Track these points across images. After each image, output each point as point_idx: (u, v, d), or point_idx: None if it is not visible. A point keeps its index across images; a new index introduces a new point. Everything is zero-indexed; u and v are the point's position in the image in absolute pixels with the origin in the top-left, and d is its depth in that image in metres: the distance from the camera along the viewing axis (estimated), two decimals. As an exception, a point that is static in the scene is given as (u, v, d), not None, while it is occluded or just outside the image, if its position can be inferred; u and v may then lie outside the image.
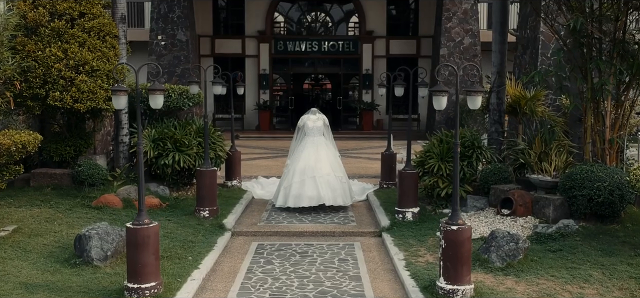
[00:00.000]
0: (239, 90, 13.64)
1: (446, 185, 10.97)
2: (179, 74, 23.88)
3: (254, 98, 27.85)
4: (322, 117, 12.34)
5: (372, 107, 27.27)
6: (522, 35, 16.06)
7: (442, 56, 24.00)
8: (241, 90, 13.69)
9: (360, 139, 24.88)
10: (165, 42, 24.00)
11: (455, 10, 23.99)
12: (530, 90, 12.89)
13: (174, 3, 23.89)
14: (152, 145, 11.71)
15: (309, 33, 28.40)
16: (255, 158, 18.76)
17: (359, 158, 18.94)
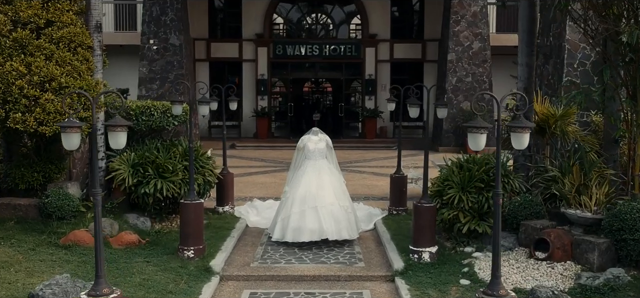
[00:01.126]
0: (232, 105, 12.02)
1: (468, 219, 9.40)
2: (172, 80, 22.31)
3: (251, 104, 26.28)
4: (324, 138, 10.76)
5: (376, 114, 25.70)
6: (544, 43, 14.46)
7: (449, 61, 22.44)
8: (234, 105, 12.06)
9: (363, 148, 23.32)
10: (157, 47, 22.43)
11: (463, 13, 22.43)
12: (558, 106, 11.31)
13: (166, 5, 22.32)
14: (131, 171, 10.13)
15: (309, 36, 26.83)
16: (252, 173, 17.18)
17: (363, 173, 17.36)
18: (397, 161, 12.70)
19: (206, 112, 12.07)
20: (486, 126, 6.29)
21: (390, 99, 12.33)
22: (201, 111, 11.08)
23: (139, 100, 10.54)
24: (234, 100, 11.86)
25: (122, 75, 24.86)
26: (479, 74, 22.47)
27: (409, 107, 11.93)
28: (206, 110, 11.42)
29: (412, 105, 11.86)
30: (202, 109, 11.57)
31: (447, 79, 22.42)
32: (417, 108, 11.93)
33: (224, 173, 11.99)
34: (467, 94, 22.39)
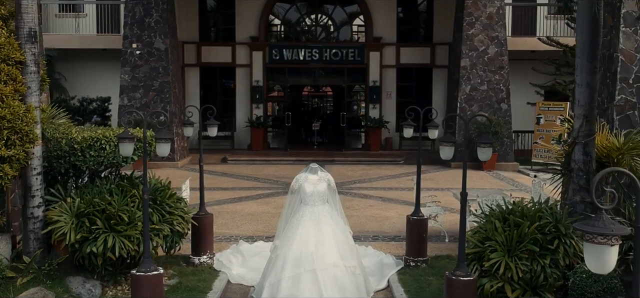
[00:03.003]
0: (211, 131, 9.51)
1: (518, 293, 6.92)
2: (157, 88, 19.82)
3: (245, 113, 23.77)
4: (325, 177, 8.27)
5: (381, 124, 23.17)
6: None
7: (463, 68, 19.91)
8: (214, 131, 9.55)
9: (367, 163, 20.81)
10: (141, 51, 19.91)
11: (478, 15, 19.90)
12: (618, 136, 8.82)
13: (151, 6, 19.81)
14: (75, 224, 7.63)
15: (308, 39, 24.31)
16: (241, 198, 14.66)
17: (368, 198, 14.83)
18: (415, 197, 10.15)
19: (190, 134, 9.84)
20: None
21: (408, 123, 9.75)
22: (160, 152, 8.60)
23: (86, 130, 7.99)
24: (214, 125, 9.34)
25: (103, 82, 22.42)
26: (495, 81, 19.96)
27: (429, 132, 9.56)
28: (214, 131, 9.24)
29: (433, 127, 9.49)
30: (187, 131, 9.27)
31: (460, 87, 19.91)
32: (436, 130, 9.62)
33: (201, 215, 9.47)
34: (482, 103, 19.89)
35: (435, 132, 9.45)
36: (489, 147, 6.83)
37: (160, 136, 6.54)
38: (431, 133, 9.41)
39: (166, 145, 6.50)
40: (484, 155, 6.92)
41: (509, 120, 19.98)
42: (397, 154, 22.11)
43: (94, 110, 21.32)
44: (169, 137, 6.59)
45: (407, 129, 9.56)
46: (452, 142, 9.49)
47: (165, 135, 6.55)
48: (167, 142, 6.48)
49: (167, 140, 6.51)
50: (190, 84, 23.75)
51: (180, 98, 20.92)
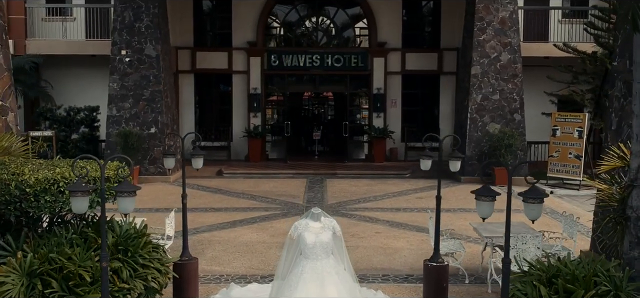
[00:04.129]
0: (196, 164, 8.07)
1: None
2: (148, 98, 18.39)
3: (242, 122, 22.33)
4: (330, 225, 6.82)
5: (385, 134, 21.72)
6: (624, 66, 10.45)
7: (474, 75, 18.46)
8: (199, 162, 8.11)
9: (371, 176, 19.37)
10: (130, 58, 18.47)
11: (490, 19, 18.44)
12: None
13: (141, 10, 18.36)
14: (25, 286, 6.19)
15: (308, 44, 22.86)
16: (235, 223, 13.19)
17: (374, 222, 13.38)
18: (433, 238, 8.70)
19: (200, 165, 8.42)
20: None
21: (426, 154, 8.28)
22: (195, 165, 7.48)
23: (42, 169, 6.53)
24: (199, 156, 7.90)
25: (92, 90, 20.99)
26: (508, 90, 18.52)
27: (450, 164, 8.14)
28: (200, 163, 7.85)
29: (455, 159, 8.07)
30: (196, 163, 7.91)
31: (470, 96, 18.46)
32: (458, 162, 8.20)
33: (185, 260, 8.03)
34: (494, 114, 18.44)
35: (458, 165, 8.00)
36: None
37: (123, 188, 5.07)
38: (453, 165, 7.96)
39: (130, 200, 5.04)
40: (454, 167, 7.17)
41: (523, 132, 18.54)
42: (402, 166, 20.67)
43: (81, 120, 19.87)
44: (134, 189, 5.12)
45: (424, 162, 8.09)
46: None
47: (128, 188, 5.08)
48: (130, 195, 5.03)
49: (132, 193, 5.05)
50: (185, 92, 22.31)
51: (172, 107, 19.47)
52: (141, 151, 18.06)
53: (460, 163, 17.82)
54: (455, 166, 7.87)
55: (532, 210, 4.85)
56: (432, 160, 8.15)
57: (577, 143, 17.59)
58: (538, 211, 4.87)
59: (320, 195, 16.38)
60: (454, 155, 7.88)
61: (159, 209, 14.30)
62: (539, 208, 4.84)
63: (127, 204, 4.98)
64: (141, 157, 18.14)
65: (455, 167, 7.92)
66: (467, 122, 18.42)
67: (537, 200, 4.78)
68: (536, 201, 4.78)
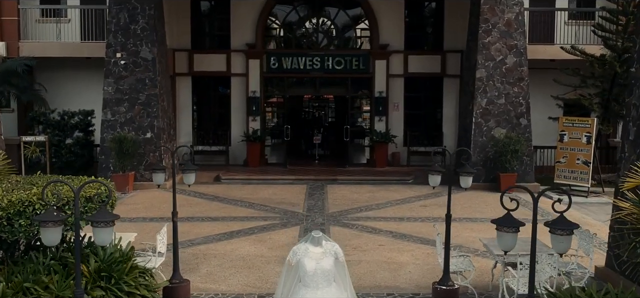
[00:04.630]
0: (188, 179, 7.50)
1: None
2: (143, 102, 17.82)
3: (241, 126, 21.75)
4: (332, 250, 6.20)
5: (387, 138, 21.13)
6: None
7: (478, 79, 17.88)
8: (191, 178, 7.54)
9: (373, 182, 18.79)
10: (125, 61, 17.89)
11: (495, 21, 17.86)
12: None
13: (136, 12, 17.79)
14: (-3, 317, 5.62)
15: (309, 46, 22.28)
16: (232, 233, 12.60)
17: (377, 233, 12.78)
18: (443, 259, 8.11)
19: (192, 181, 7.85)
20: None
21: (435, 169, 7.70)
22: (187, 180, 6.96)
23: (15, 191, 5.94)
24: (191, 171, 7.32)
25: (88, 94, 20.43)
26: (514, 94, 17.93)
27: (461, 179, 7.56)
28: (192, 179, 7.30)
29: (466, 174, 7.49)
30: (188, 178, 7.34)
31: (475, 100, 17.87)
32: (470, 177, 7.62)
33: (175, 284, 7.45)
34: (499, 118, 17.86)
35: (469, 181, 7.43)
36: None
37: (100, 218, 4.47)
38: (464, 181, 7.38)
39: (107, 230, 4.45)
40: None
41: (529, 137, 17.95)
42: (405, 172, 20.10)
43: (75, 124, 19.29)
44: (112, 218, 4.53)
45: (433, 177, 7.50)
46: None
47: (105, 217, 4.49)
48: (108, 225, 4.44)
49: (109, 223, 4.46)
50: (182, 95, 21.73)
51: (169, 111, 18.89)
52: (136, 156, 17.49)
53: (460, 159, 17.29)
54: (466, 182, 7.29)
55: (561, 243, 4.26)
56: (441, 175, 7.55)
57: (586, 149, 17.01)
58: (567, 243, 4.29)
59: (320, 203, 15.79)
60: (465, 170, 7.29)
61: (153, 218, 13.74)
62: (568, 241, 4.26)
63: (104, 235, 4.39)
64: (136, 163, 17.57)
65: (467, 183, 7.34)
66: (472, 126, 17.83)
67: (566, 231, 4.19)
68: (565, 233, 4.19)
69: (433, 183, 7.31)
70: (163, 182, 7.58)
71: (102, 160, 17.74)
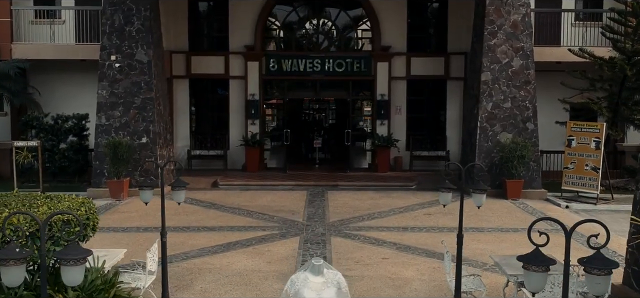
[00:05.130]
0: (177, 197, 6.91)
1: None
2: (139, 106, 17.23)
3: (240, 130, 21.17)
4: (334, 279, 5.56)
5: (390, 142, 20.55)
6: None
7: (484, 82, 17.29)
8: (180, 196, 6.96)
9: (375, 188, 18.21)
10: (120, 64, 17.31)
11: (501, 23, 17.27)
12: None
13: (132, 13, 17.21)
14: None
15: (309, 48, 21.70)
16: (229, 246, 12.00)
17: (381, 244, 12.17)
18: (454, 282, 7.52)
19: (181, 199, 7.27)
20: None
21: (446, 186, 7.11)
22: (176, 198, 6.37)
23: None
24: (181, 189, 6.74)
25: (82, 97, 19.86)
26: (521, 98, 17.34)
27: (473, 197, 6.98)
28: (181, 197, 6.72)
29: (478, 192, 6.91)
30: (177, 196, 6.76)
31: (480, 104, 17.28)
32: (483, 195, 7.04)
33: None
34: (505, 122, 17.27)
35: (482, 199, 6.84)
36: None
37: (69, 254, 3.87)
38: (477, 199, 6.80)
39: (77, 269, 3.85)
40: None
41: (536, 142, 17.36)
42: (408, 177, 19.52)
43: (69, 129, 18.71)
44: (84, 254, 3.93)
45: (444, 195, 6.91)
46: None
47: (75, 253, 3.88)
48: (78, 263, 3.84)
49: (79, 261, 3.86)
50: (179, 98, 21.15)
51: (165, 115, 18.31)
52: (132, 162, 16.91)
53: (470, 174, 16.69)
54: (479, 200, 6.71)
55: (598, 285, 3.67)
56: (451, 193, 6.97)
57: (594, 154, 16.43)
58: (605, 285, 3.70)
59: (321, 211, 15.21)
60: (478, 188, 6.70)
61: (148, 228, 13.16)
62: (606, 282, 3.67)
63: (74, 275, 3.80)
64: (132, 169, 16.99)
65: (479, 201, 6.76)
66: (477, 131, 17.25)
67: (605, 271, 3.60)
68: (603, 273, 3.60)
69: (444, 202, 6.73)
70: (151, 199, 6.98)
71: (96, 165, 17.17)
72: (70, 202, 5.90)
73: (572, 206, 16.18)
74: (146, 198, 6.79)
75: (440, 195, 6.83)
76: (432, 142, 21.32)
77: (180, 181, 6.77)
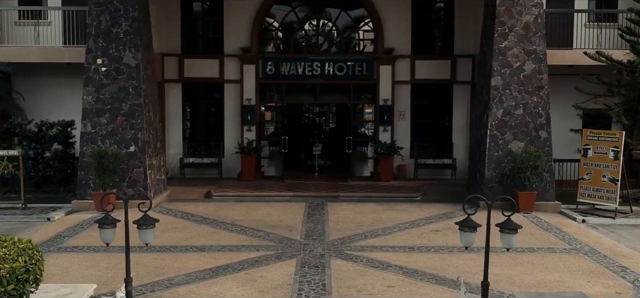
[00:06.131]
0: (145, 237, 5.72)
1: None
2: (127, 112, 16.06)
3: (235, 136, 20.01)
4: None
5: (393, 150, 19.36)
6: None
7: (494, 87, 16.10)
8: (148, 236, 5.76)
9: (377, 199, 17.05)
10: (107, 68, 16.12)
11: (512, 24, 16.07)
12: None
13: (119, 14, 16.04)
14: None
15: (308, 51, 20.51)
16: (219, 270, 10.80)
17: (385, 268, 10.95)
18: None
19: (149, 239, 6.11)
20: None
21: (469, 224, 5.90)
22: (142, 238, 5.17)
23: None
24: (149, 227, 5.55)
25: (68, 102, 18.72)
26: (533, 104, 16.14)
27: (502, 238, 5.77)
28: (150, 237, 5.57)
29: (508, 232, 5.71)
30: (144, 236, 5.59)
31: (490, 110, 16.08)
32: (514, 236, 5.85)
33: None
34: (516, 130, 16.08)
35: (513, 240, 5.65)
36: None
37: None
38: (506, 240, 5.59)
39: None
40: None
41: (550, 151, 16.17)
42: (412, 187, 18.35)
43: (54, 136, 17.53)
44: None
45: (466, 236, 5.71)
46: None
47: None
48: None
49: None
50: (171, 103, 19.98)
51: (155, 122, 17.12)
52: (119, 172, 15.73)
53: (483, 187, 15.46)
54: (510, 242, 5.52)
55: None
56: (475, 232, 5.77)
57: (613, 165, 15.24)
58: None
59: (320, 227, 14.02)
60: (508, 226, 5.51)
61: (133, 248, 11.83)
62: None
63: None
64: (119, 179, 15.81)
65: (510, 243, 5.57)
66: (487, 139, 16.06)
67: None
68: None
69: (466, 243, 5.52)
70: (113, 239, 5.81)
71: (81, 176, 15.99)
72: (9, 249, 4.70)
73: (588, 220, 15.00)
74: (107, 238, 5.60)
75: (461, 235, 5.64)
76: (437, 150, 20.15)
77: (148, 218, 5.58)
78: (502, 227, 5.45)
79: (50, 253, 11.74)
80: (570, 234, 13.62)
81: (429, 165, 19.81)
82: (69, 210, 15.59)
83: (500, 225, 5.49)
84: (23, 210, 15.38)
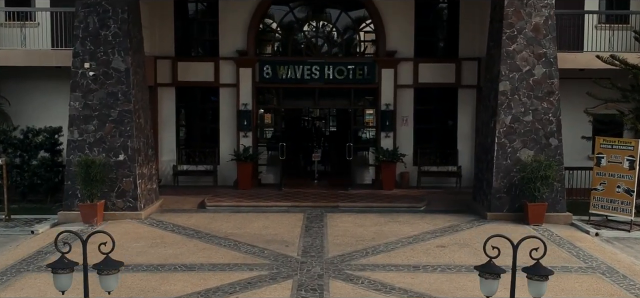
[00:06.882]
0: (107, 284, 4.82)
1: None
2: (116, 119, 15.18)
3: (231, 142, 19.13)
4: None
5: (396, 157, 18.47)
6: None
7: (502, 93, 15.20)
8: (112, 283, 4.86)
9: (379, 210, 16.17)
10: (95, 73, 15.24)
11: (521, 26, 15.18)
12: None
13: (108, 15, 15.17)
14: None
15: (307, 53, 19.61)
16: (208, 292, 9.92)
17: (388, 291, 10.04)
18: None
19: (112, 287, 5.18)
20: None
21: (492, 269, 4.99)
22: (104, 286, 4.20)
23: None
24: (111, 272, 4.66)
25: (56, 107, 17.84)
26: (543, 110, 15.24)
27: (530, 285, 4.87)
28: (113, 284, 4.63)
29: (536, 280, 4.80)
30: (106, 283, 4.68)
31: (498, 117, 15.19)
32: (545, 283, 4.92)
33: None
34: (526, 138, 15.18)
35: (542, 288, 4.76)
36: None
37: None
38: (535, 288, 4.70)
39: None
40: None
41: (561, 160, 15.28)
42: (415, 196, 17.47)
43: (41, 143, 16.66)
44: None
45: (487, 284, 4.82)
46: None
47: None
48: None
49: None
50: (165, 108, 19.10)
51: (146, 129, 16.24)
52: (107, 182, 14.84)
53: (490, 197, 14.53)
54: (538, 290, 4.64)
55: None
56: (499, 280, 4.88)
57: (628, 175, 14.36)
58: None
59: (319, 242, 13.13)
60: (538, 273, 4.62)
61: (117, 267, 11.03)
62: None
63: None
64: (107, 190, 14.93)
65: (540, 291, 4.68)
66: (494, 147, 15.17)
67: None
68: None
69: (487, 293, 4.63)
70: (69, 286, 4.93)
71: (68, 186, 15.11)
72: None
73: (602, 233, 14.13)
74: (63, 285, 4.71)
75: (481, 282, 4.75)
76: (442, 157, 19.26)
77: (111, 261, 4.69)
78: (531, 273, 4.55)
79: (29, 273, 10.89)
80: (584, 249, 12.73)
81: (433, 173, 18.92)
82: (55, 222, 14.74)
83: (528, 270, 4.59)
84: (6, 222, 14.53)
